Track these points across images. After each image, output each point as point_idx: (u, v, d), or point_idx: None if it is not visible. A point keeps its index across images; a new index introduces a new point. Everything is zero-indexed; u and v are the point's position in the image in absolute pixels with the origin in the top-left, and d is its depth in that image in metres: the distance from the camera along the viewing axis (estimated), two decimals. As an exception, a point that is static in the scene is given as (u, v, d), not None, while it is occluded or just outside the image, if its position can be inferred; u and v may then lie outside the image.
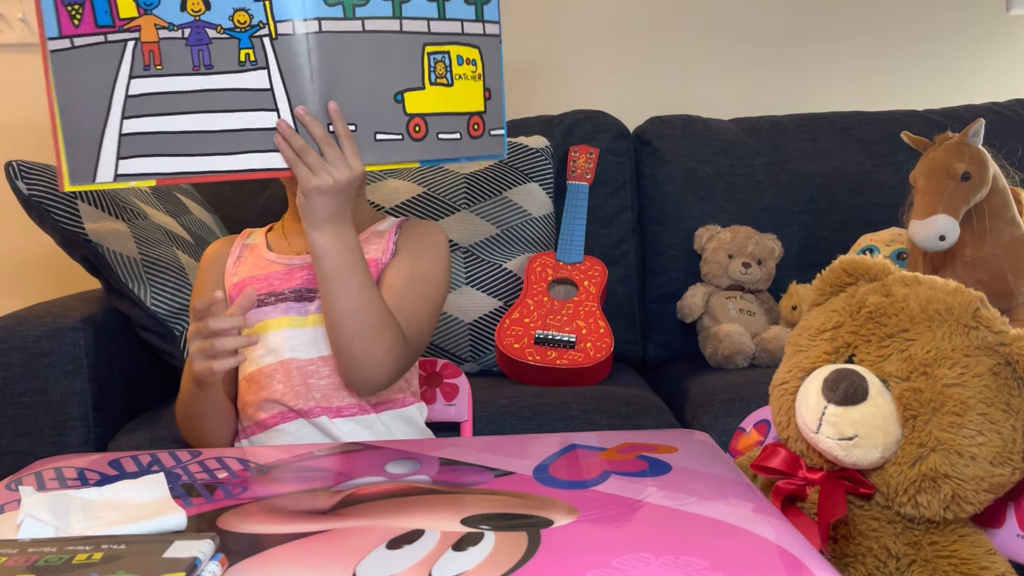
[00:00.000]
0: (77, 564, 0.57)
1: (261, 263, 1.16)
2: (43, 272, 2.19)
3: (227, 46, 0.90)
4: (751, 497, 0.73)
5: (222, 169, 0.93)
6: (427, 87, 0.94)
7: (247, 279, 1.15)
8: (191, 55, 0.90)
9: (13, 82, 2.17)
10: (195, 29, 0.89)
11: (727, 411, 1.44)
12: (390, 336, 1.02)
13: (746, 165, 1.98)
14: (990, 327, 0.82)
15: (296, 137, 0.92)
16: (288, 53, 0.90)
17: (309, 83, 0.90)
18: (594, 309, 1.72)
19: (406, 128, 0.94)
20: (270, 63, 0.90)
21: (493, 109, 0.98)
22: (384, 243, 1.14)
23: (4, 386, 1.38)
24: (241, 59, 0.90)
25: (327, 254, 0.99)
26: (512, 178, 1.87)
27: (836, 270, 0.92)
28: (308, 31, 0.89)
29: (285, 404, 1.08)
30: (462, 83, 0.95)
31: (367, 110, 0.93)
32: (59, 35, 0.90)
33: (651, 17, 2.26)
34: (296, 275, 1.13)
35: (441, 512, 0.69)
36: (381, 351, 1.02)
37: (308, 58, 0.90)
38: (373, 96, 0.93)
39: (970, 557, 0.81)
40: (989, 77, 2.29)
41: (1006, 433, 0.78)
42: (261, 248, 1.18)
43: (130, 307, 1.47)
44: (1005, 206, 1.48)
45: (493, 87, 0.97)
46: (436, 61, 0.94)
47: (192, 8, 0.89)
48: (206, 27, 0.89)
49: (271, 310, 1.11)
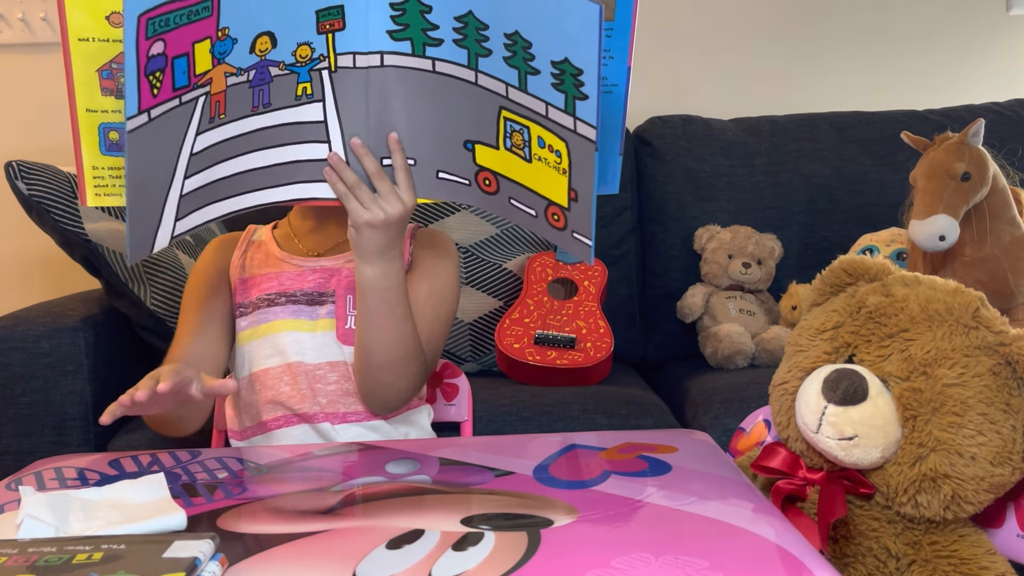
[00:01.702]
0: (77, 564, 0.57)
1: (271, 260, 1.14)
2: (43, 272, 2.19)
3: (286, 82, 0.87)
4: (751, 497, 0.73)
5: (269, 201, 0.90)
6: (502, 149, 0.87)
7: (257, 276, 1.13)
8: (252, 96, 0.86)
9: (13, 82, 2.17)
10: (259, 69, 0.86)
11: (727, 411, 1.45)
12: (416, 368, 1.03)
13: (746, 165, 1.98)
14: (990, 327, 0.82)
15: (347, 171, 0.90)
16: (346, 85, 0.87)
17: (365, 116, 0.88)
18: (594, 309, 1.72)
19: (474, 177, 0.89)
20: (326, 95, 0.88)
21: (579, 213, 0.83)
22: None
23: (4, 386, 1.38)
24: (298, 93, 0.87)
25: (373, 288, 0.98)
26: (512, 178, 1.87)
27: (836, 270, 0.92)
28: (369, 64, 0.86)
29: (290, 408, 1.07)
30: (542, 167, 0.84)
31: (431, 148, 0.89)
32: (138, 111, 0.78)
33: (651, 17, 2.26)
34: (308, 277, 1.11)
35: (441, 512, 0.69)
36: (405, 381, 1.03)
37: (366, 91, 0.87)
38: (439, 136, 0.88)
39: (970, 557, 0.81)
40: (989, 77, 2.29)
41: (1006, 433, 0.78)
42: (270, 245, 1.16)
43: (130, 307, 1.47)
44: (1005, 206, 1.48)
45: (581, 190, 0.82)
46: (513, 130, 0.85)
47: (260, 49, 0.85)
48: (269, 65, 0.86)
49: (281, 311, 1.09)
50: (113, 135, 0.87)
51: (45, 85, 2.17)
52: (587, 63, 0.75)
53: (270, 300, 1.10)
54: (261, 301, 1.10)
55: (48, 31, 2.14)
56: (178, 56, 0.79)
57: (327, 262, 1.12)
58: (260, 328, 1.09)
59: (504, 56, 0.82)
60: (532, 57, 0.80)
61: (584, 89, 0.77)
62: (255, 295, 1.11)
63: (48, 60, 2.16)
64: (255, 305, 1.10)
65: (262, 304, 1.10)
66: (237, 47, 0.84)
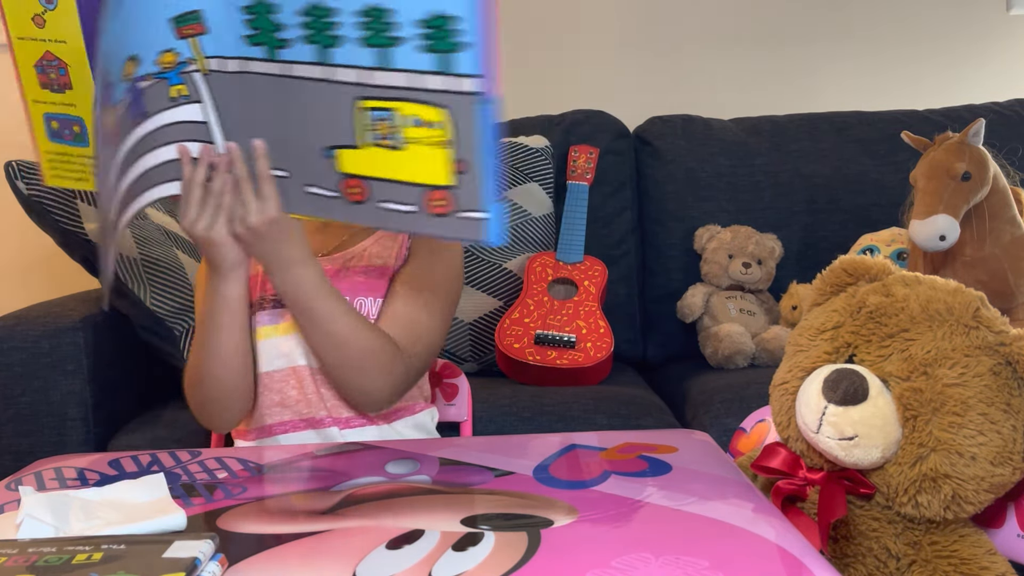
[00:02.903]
0: (77, 564, 0.57)
1: None
2: (43, 272, 2.19)
3: (158, 88, 0.85)
4: (751, 497, 0.73)
5: (155, 199, 0.90)
6: (363, 146, 0.81)
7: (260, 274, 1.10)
8: (129, 116, 0.86)
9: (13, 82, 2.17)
10: (132, 92, 0.85)
11: (727, 411, 1.44)
12: (379, 363, 1.00)
13: (746, 165, 1.98)
14: (990, 327, 0.82)
15: (239, 165, 0.88)
16: (221, 87, 0.85)
17: (239, 120, 0.86)
18: (594, 309, 1.72)
19: (338, 187, 0.83)
20: (203, 96, 0.85)
21: (469, 185, 0.75)
22: (397, 247, 1.12)
23: (4, 386, 1.38)
24: (172, 95, 0.85)
25: (287, 297, 0.98)
26: (512, 178, 1.88)
27: (836, 270, 0.92)
28: (233, 70, 0.83)
29: (296, 412, 1.06)
30: (417, 149, 0.77)
31: (297, 159, 0.85)
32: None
33: (651, 17, 2.26)
34: None
35: (441, 512, 0.69)
36: (370, 379, 1.01)
37: (239, 96, 0.84)
38: (302, 146, 0.84)
39: (970, 557, 0.81)
40: (989, 77, 2.29)
41: (1006, 433, 0.78)
42: None
43: (130, 307, 1.47)
44: (1005, 206, 1.48)
45: (471, 158, 0.74)
46: (378, 120, 0.79)
47: (126, 74, 0.85)
48: (138, 82, 0.85)
49: (284, 312, 1.07)
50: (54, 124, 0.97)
51: (45, 85, 2.17)
52: (464, 5, 0.69)
53: (273, 302, 1.08)
54: (266, 301, 1.09)
55: (48, 31, 2.14)
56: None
57: (328, 264, 1.11)
58: (263, 329, 1.08)
59: (359, 37, 0.76)
60: (393, 26, 0.74)
61: (463, 38, 0.70)
62: (258, 294, 1.09)
63: (48, 60, 2.16)
64: (259, 305, 1.09)
65: (266, 304, 1.08)
66: (114, 88, 0.86)
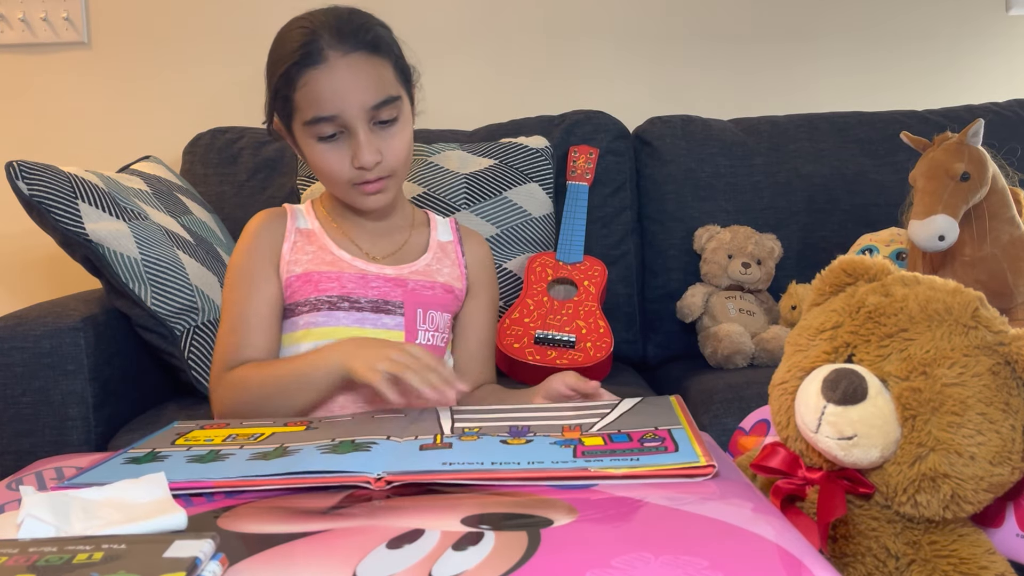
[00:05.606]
0: (77, 564, 0.57)
1: (329, 258, 1.10)
2: (43, 272, 2.19)
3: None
4: (751, 497, 0.73)
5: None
6: None
7: (313, 273, 1.09)
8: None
9: (13, 82, 2.17)
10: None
11: (727, 411, 1.45)
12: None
13: (746, 165, 1.98)
14: (989, 327, 0.82)
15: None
16: None
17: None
18: (594, 309, 1.72)
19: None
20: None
21: None
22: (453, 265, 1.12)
23: (4, 386, 1.38)
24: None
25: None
26: (512, 178, 1.87)
27: (835, 270, 0.92)
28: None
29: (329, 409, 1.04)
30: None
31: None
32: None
33: (651, 18, 2.26)
34: (371, 284, 1.09)
35: (441, 512, 0.69)
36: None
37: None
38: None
39: (969, 557, 0.81)
40: (989, 77, 2.29)
41: (1005, 433, 0.78)
42: (322, 238, 1.12)
43: (130, 307, 1.47)
44: (1004, 206, 1.48)
45: None
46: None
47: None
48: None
49: (343, 316, 1.07)
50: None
51: (45, 85, 2.17)
52: None
53: (331, 303, 1.06)
54: (320, 302, 1.07)
55: (48, 31, 2.14)
56: None
57: (390, 270, 1.10)
58: (318, 331, 1.06)
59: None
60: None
61: None
62: (312, 294, 1.07)
63: (48, 60, 2.16)
64: (313, 305, 1.07)
65: (322, 305, 1.07)
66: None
